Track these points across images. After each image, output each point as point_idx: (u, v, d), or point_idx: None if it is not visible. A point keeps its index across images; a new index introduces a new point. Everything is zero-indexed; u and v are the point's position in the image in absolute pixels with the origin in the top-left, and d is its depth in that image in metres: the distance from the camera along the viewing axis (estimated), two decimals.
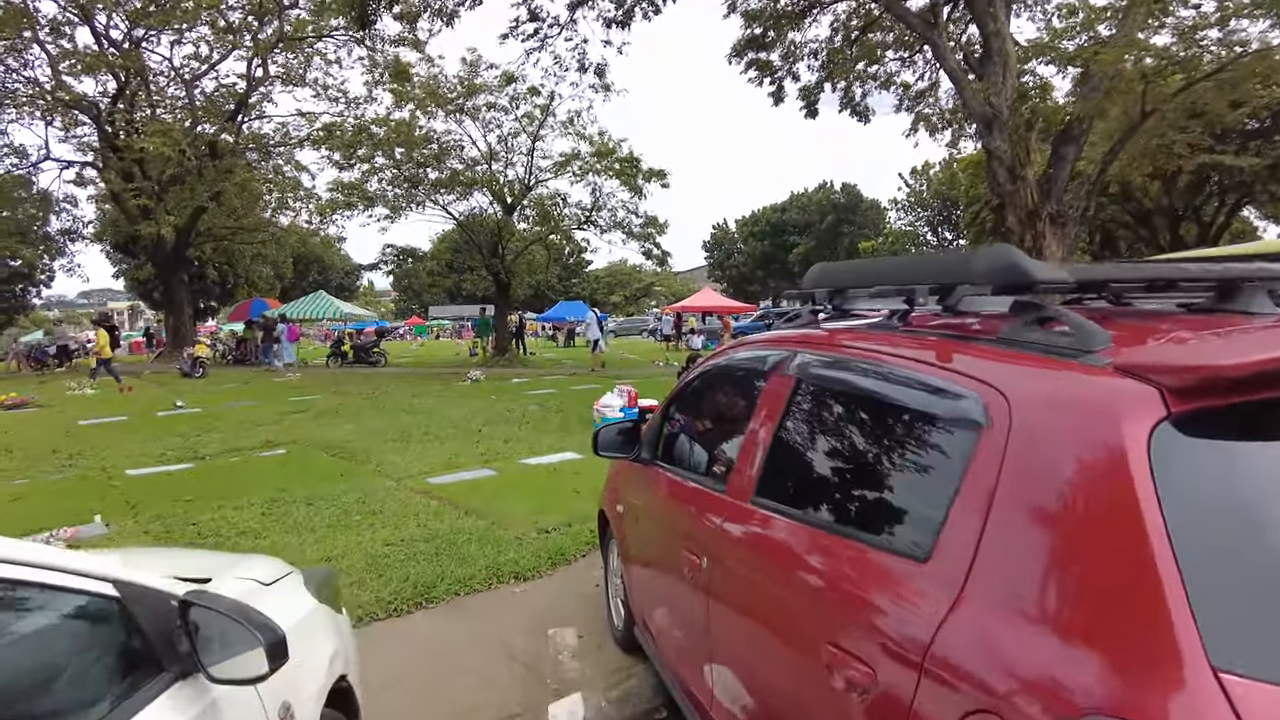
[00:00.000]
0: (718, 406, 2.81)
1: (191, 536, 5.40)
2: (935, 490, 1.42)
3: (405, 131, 20.81)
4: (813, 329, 2.23)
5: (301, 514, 5.91)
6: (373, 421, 10.77)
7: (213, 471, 7.80)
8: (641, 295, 76.90)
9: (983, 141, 14.68)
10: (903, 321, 1.89)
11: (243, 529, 5.54)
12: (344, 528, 5.51)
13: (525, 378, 18.10)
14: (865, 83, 23.10)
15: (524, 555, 4.83)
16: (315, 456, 8.44)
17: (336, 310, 25.56)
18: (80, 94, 23.25)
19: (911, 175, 61.77)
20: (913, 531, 1.49)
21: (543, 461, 7.70)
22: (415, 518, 5.73)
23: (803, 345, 2.12)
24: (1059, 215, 14.12)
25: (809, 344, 2.10)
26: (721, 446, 2.54)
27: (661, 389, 12.34)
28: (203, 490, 6.87)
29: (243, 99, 25.04)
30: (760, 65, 21.78)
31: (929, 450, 1.56)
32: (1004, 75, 14.17)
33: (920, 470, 1.58)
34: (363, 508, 6.03)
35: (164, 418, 11.96)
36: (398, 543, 5.11)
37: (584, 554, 4.93)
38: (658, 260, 24.15)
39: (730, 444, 2.40)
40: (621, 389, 9.93)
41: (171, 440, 9.62)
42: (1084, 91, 13.71)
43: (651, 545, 2.94)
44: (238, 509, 6.10)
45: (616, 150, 21.85)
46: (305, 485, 6.90)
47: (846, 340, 1.96)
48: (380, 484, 6.88)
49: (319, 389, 15.80)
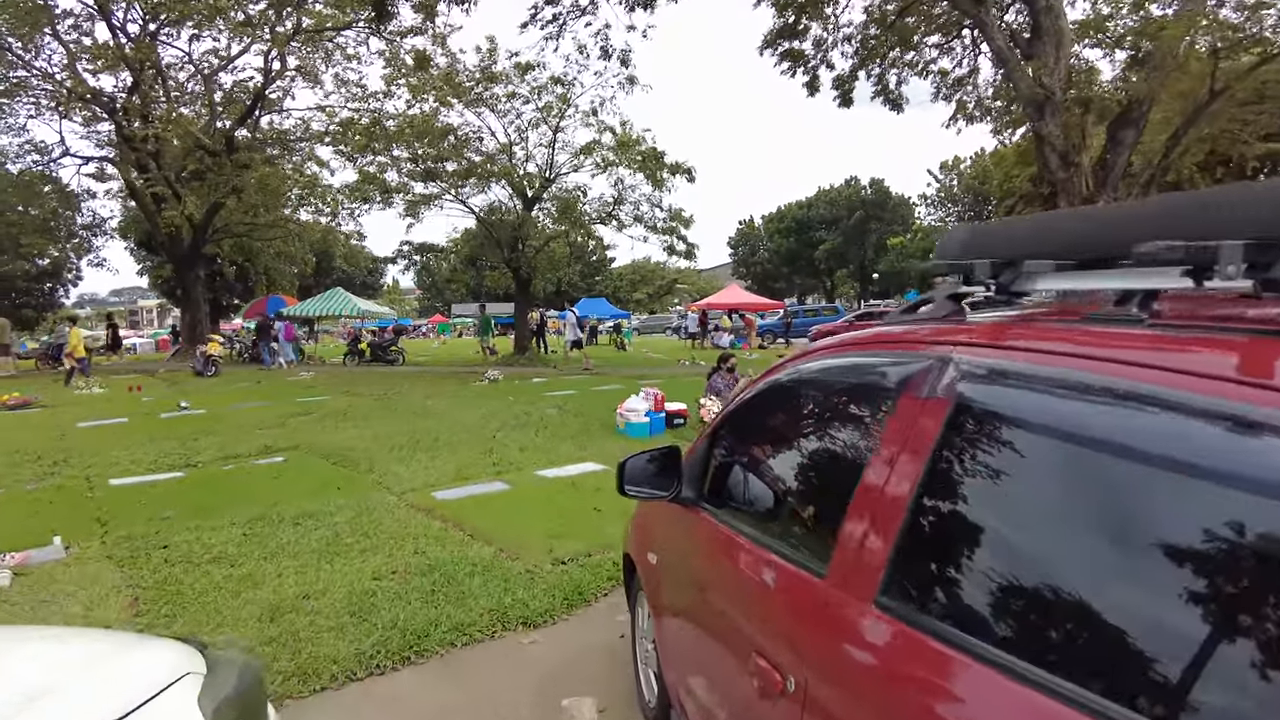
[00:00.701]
0: (799, 437, 2.02)
1: (157, 563, 4.71)
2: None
3: (423, 125, 20.21)
4: (964, 321, 1.44)
5: (287, 535, 5.21)
6: (381, 425, 10.10)
7: (202, 482, 7.15)
8: (665, 292, 76.13)
9: (1033, 126, 13.67)
10: (1148, 311, 1.10)
11: (217, 554, 4.85)
12: (332, 554, 4.80)
13: (545, 377, 17.39)
14: (901, 70, 22.18)
15: (535, 594, 4.07)
16: (314, 465, 7.77)
17: (354, 308, 25.02)
18: (94, 88, 22.95)
19: (941, 170, 60.44)
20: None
21: (561, 474, 6.94)
22: (414, 542, 5.01)
23: (963, 349, 1.33)
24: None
25: (975, 348, 1.30)
26: (810, 501, 1.77)
27: (689, 390, 11.55)
28: (186, 504, 6.22)
29: (260, 92, 24.62)
30: (793, 56, 20.88)
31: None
32: (1056, 54, 13.17)
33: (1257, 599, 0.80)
34: (356, 529, 5.32)
35: (166, 420, 11.40)
36: (389, 575, 4.38)
37: (606, 592, 4.17)
38: (683, 255, 23.29)
39: (826, 499, 1.62)
40: (647, 392, 9.18)
41: (167, 445, 9.02)
42: (1145, 71, 12.68)
43: (698, 620, 2.15)
44: (217, 528, 5.42)
45: (640, 143, 21.07)
46: (298, 499, 6.22)
47: (1058, 346, 1.16)
48: (380, 499, 6.17)
49: (331, 389, 15.22)
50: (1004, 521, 1.19)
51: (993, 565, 1.17)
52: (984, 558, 1.18)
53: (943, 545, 1.25)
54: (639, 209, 22.32)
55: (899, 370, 1.46)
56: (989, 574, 1.16)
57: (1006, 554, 1.16)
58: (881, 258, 62.21)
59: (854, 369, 1.73)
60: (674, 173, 21.24)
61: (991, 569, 1.17)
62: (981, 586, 1.16)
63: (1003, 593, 1.11)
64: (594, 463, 7.36)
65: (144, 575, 4.52)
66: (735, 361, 9.76)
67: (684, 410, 9.23)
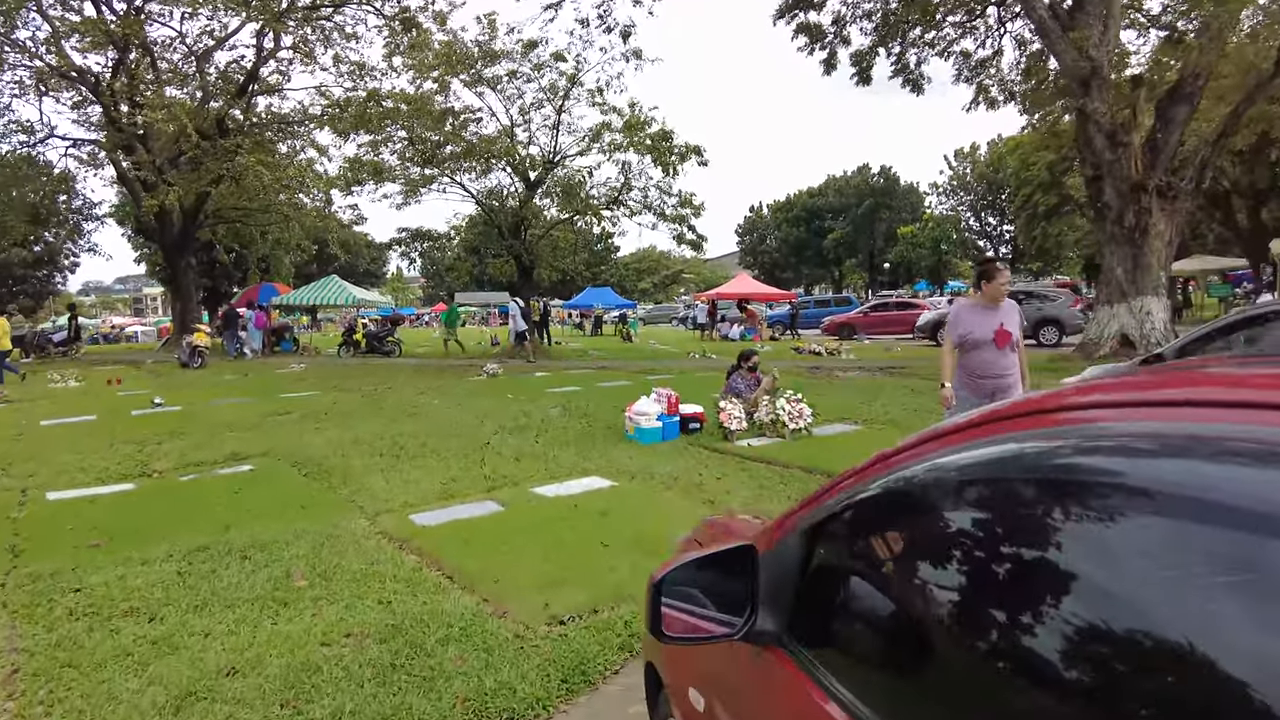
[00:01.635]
0: (997, 560, 1.07)
1: (60, 615, 3.80)
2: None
3: (419, 104, 19.20)
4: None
5: (231, 575, 4.30)
6: (365, 426, 9.18)
7: (153, 496, 6.25)
8: (670, 282, 75.11)
9: (1077, 103, 12.60)
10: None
11: (137, 602, 3.93)
12: (277, 604, 3.88)
13: (547, 371, 16.45)
14: (922, 50, 21.16)
15: (526, 672, 3.14)
16: (282, 476, 6.85)
17: (349, 296, 24.08)
18: (80, 66, 22.00)
19: (956, 157, 59.13)
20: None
21: (561, 492, 6.00)
22: (380, 586, 4.08)
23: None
24: (1169, 188, 12.02)
25: None
26: (1004, 664, 0.85)
27: (701, 388, 10.57)
28: (125, 526, 5.32)
29: (253, 72, 23.61)
30: (810, 31, 19.85)
31: None
32: (1105, 25, 12.12)
33: None
34: (314, 566, 4.40)
35: (136, 418, 10.53)
36: (341, 639, 3.46)
37: (617, 669, 3.24)
38: (692, 244, 22.28)
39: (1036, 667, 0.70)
40: (659, 393, 8.24)
41: (125, 449, 8.13)
42: (1202, 41, 11.59)
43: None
44: (149, 563, 4.51)
45: (648, 124, 20.04)
46: (254, 522, 5.31)
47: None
48: (348, 525, 5.24)
49: (320, 383, 14.32)
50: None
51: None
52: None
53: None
54: (647, 195, 21.34)
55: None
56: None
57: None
58: (891, 247, 61.05)
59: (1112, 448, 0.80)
60: (684, 156, 20.23)
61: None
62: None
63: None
64: (600, 477, 6.42)
65: (38, 633, 3.62)
66: (758, 360, 8.81)
67: (700, 414, 8.29)
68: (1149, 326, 12.48)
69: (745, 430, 7.91)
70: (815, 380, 12.55)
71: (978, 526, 1.12)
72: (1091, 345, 13.03)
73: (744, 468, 6.72)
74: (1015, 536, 1.02)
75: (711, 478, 6.34)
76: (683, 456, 7.18)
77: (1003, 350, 4.78)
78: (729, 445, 7.57)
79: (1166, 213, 12.16)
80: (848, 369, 14.72)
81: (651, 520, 5.14)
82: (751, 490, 5.94)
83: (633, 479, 6.39)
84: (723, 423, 7.86)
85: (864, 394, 10.85)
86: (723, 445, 7.60)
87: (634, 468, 6.73)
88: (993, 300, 4.85)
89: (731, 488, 6.01)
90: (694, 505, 5.58)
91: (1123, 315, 12.78)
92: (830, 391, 11.07)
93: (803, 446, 7.46)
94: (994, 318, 4.80)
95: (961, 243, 59.48)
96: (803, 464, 6.66)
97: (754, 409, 8.16)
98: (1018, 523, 1.02)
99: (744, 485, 6.09)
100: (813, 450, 7.25)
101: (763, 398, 8.23)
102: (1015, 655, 0.92)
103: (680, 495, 5.88)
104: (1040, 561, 0.94)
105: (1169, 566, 0.76)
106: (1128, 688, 0.77)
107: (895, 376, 13.04)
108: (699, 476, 6.39)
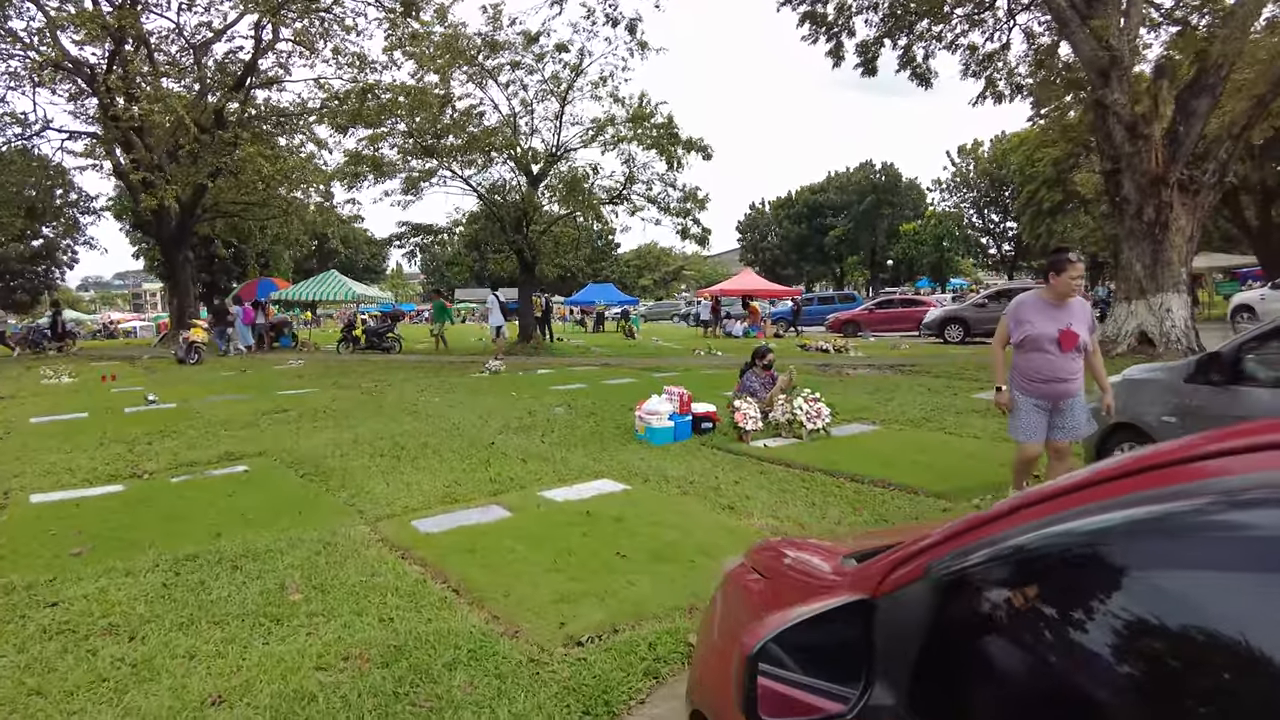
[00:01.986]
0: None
1: (33, 633, 3.50)
2: None
3: (419, 97, 18.85)
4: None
5: (220, 588, 3.99)
6: (365, 425, 8.88)
7: (142, 499, 5.94)
8: (671, 279, 74.80)
9: (1096, 95, 12.26)
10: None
11: (118, 619, 3.63)
12: (270, 621, 3.58)
13: (551, 368, 16.14)
14: (929, 43, 20.84)
15: (543, 703, 2.84)
16: (279, 478, 6.55)
17: (349, 292, 23.73)
18: (75, 57, 21.61)
19: (959, 154, 58.74)
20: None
21: (572, 495, 5.69)
22: (381, 601, 3.78)
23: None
24: (1191, 181, 11.69)
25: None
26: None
27: (709, 385, 10.28)
28: (110, 533, 5.02)
29: (251, 64, 23.23)
30: (815, 20, 19.53)
31: None
32: (1125, 13, 11.79)
33: None
34: (310, 578, 4.10)
35: (129, 415, 10.21)
36: (339, 662, 3.16)
37: (643, 698, 2.93)
38: (696, 239, 21.92)
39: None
40: (670, 391, 7.93)
41: (116, 449, 7.83)
42: (1227, 30, 11.25)
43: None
44: (134, 574, 4.21)
45: (654, 115, 19.70)
46: (247, 528, 5.01)
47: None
48: (347, 531, 4.94)
49: (319, 380, 14.01)
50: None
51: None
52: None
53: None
54: (651, 189, 20.99)
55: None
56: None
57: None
58: (893, 244, 60.67)
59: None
60: (689, 149, 19.88)
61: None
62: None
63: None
64: (611, 480, 6.12)
65: (7, 654, 3.32)
66: (774, 358, 8.49)
67: (713, 413, 7.99)
68: (1169, 324, 12.16)
69: (761, 430, 7.60)
70: (826, 378, 12.23)
71: (1176, 598, 0.83)
72: (1109, 343, 12.72)
73: (762, 470, 6.41)
74: (1225, 611, 0.73)
75: (728, 481, 6.03)
76: (697, 458, 6.87)
77: (1068, 354, 4.35)
78: (744, 446, 7.26)
79: (1188, 207, 11.84)
80: (857, 366, 14.41)
81: (670, 528, 4.83)
82: (773, 495, 5.62)
83: (646, 482, 6.08)
84: (737, 423, 7.55)
85: (878, 392, 10.54)
86: (738, 446, 7.29)
87: (647, 470, 6.43)
88: (1062, 296, 4.38)
89: (750, 492, 5.70)
90: (712, 511, 5.29)
91: (1141, 312, 12.46)
92: (842, 390, 10.75)
93: (821, 448, 7.15)
94: (1062, 316, 4.36)
95: (964, 240, 59.14)
96: (824, 467, 6.35)
97: (769, 408, 7.85)
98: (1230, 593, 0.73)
99: (763, 490, 5.78)
100: (832, 452, 6.95)
101: (779, 396, 7.92)
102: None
103: (697, 500, 5.57)
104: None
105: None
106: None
107: (907, 374, 12.72)
108: (715, 480, 6.08)
